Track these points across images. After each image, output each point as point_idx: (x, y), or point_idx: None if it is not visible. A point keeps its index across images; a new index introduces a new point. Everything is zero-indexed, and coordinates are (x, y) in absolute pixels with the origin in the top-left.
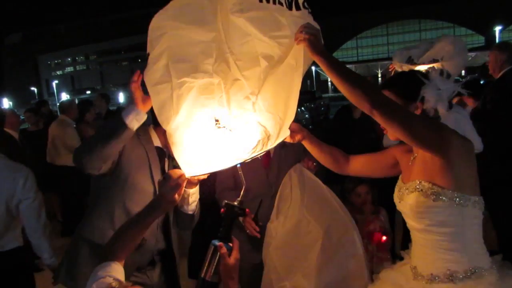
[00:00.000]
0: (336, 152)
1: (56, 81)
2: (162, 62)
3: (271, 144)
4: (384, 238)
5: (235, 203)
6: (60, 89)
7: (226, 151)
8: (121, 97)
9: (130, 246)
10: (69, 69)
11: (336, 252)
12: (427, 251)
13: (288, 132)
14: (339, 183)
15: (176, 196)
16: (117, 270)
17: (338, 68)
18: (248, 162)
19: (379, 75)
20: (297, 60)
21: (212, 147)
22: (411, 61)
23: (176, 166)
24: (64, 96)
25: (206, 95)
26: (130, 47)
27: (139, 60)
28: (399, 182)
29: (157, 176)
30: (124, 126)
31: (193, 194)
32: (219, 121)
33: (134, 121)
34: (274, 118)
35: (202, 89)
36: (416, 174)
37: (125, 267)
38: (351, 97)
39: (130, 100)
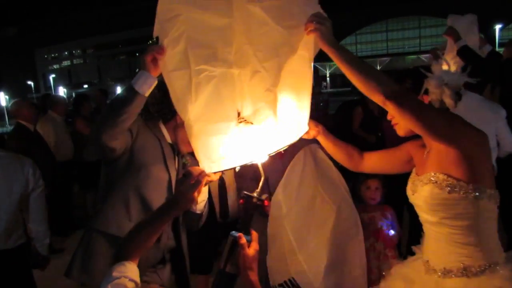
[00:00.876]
0: (350, 148)
1: (53, 75)
2: (180, 47)
3: (293, 139)
4: (391, 233)
5: (254, 194)
6: (57, 83)
7: (248, 146)
8: (119, 92)
9: (146, 245)
10: (66, 63)
11: (343, 232)
12: (441, 244)
13: (307, 127)
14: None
15: (196, 194)
16: (132, 270)
17: (350, 59)
18: None
19: None
20: (308, 52)
21: (234, 141)
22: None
23: (185, 163)
24: (61, 90)
25: (226, 87)
26: (127, 41)
27: (137, 54)
28: (413, 175)
29: (172, 165)
30: (134, 92)
31: (202, 194)
32: (240, 114)
33: (144, 86)
34: (294, 112)
35: (222, 80)
36: (431, 166)
37: (138, 266)
38: (363, 88)
39: (141, 66)
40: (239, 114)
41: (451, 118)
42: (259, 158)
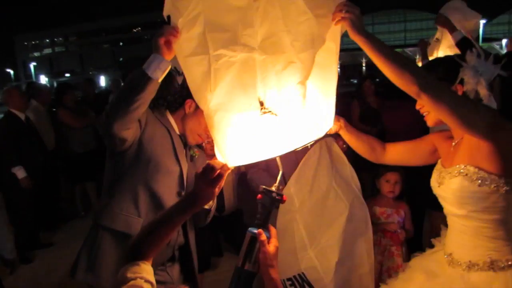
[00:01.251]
0: (373, 140)
1: (34, 63)
2: (197, 30)
3: (319, 134)
4: (399, 230)
5: (273, 188)
6: (37, 71)
7: (272, 139)
8: (103, 81)
9: (161, 244)
10: (47, 50)
11: (353, 229)
12: (467, 237)
13: (332, 122)
14: (368, 171)
15: (217, 190)
16: (147, 271)
17: (383, 49)
18: None
19: (363, 64)
20: (336, 43)
21: (258, 133)
22: None
23: (193, 155)
24: (43, 79)
25: (248, 73)
26: (111, 29)
27: (121, 44)
28: (439, 167)
29: (182, 157)
30: (146, 78)
31: None
32: (264, 104)
33: (158, 71)
34: (320, 106)
35: (243, 66)
36: (461, 158)
37: None
38: (397, 80)
39: (153, 49)
40: (261, 103)
41: (487, 111)
42: (284, 152)
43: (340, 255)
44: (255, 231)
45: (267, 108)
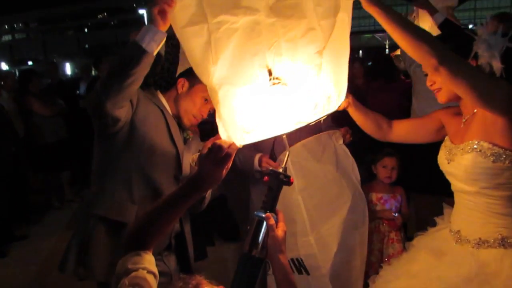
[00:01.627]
0: (380, 118)
1: None
2: None
3: (332, 108)
4: (396, 215)
5: (280, 170)
6: None
7: (283, 113)
8: (68, 69)
9: (163, 232)
10: (6, 37)
11: (351, 221)
12: (477, 214)
13: (344, 97)
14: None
15: (224, 171)
16: (149, 261)
17: (400, 20)
18: None
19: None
20: (348, 15)
21: (267, 107)
22: None
23: (186, 138)
24: (3, 67)
25: (254, 40)
26: (76, 15)
27: (86, 30)
28: (447, 143)
29: (178, 139)
30: (141, 50)
31: None
32: (272, 72)
33: (153, 43)
34: (336, 78)
35: (248, 32)
36: (474, 134)
37: None
38: (414, 53)
39: (147, 20)
40: (270, 72)
41: (505, 86)
42: (295, 128)
43: (338, 246)
44: (263, 214)
45: (277, 78)
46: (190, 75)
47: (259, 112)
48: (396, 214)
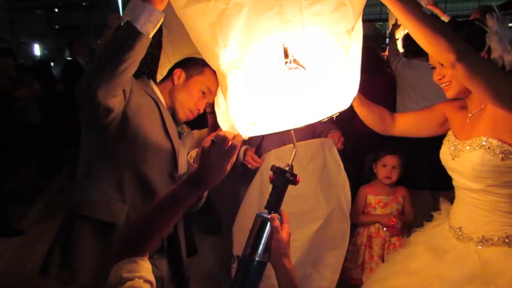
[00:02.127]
0: (383, 110)
1: None
2: None
3: (345, 105)
4: (393, 221)
5: (286, 168)
6: None
7: (298, 103)
8: (37, 49)
9: (161, 235)
10: None
11: (328, 239)
12: (481, 212)
13: (357, 91)
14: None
15: (229, 165)
16: (145, 269)
17: (417, 11)
18: None
19: None
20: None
21: (281, 96)
22: None
23: (181, 132)
24: None
25: (267, 13)
26: None
27: (56, 10)
28: (452, 138)
29: (173, 133)
30: (136, 32)
31: None
32: (288, 53)
33: (148, 24)
34: (349, 70)
35: (258, 6)
36: (481, 130)
37: None
38: (430, 47)
39: None
40: (286, 53)
41: None
42: (308, 122)
43: (300, 259)
44: (267, 215)
45: (295, 61)
46: (187, 65)
47: (271, 101)
48: (395, 220)
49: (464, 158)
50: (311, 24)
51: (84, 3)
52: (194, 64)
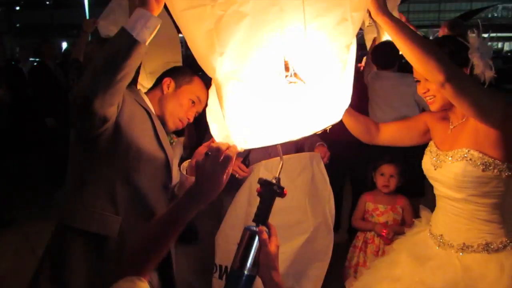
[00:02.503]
0: (368, 121)
1: None
2: None
3: (338, 117)
4: (383, 232)
5: (273, 180)
6: None
7: (295, 116)
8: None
9: (162, 254)
10: None
11: (312, 252)
12: (462, 220)
13: (349, 103)
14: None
15: (225, 177)
16: None
17: (410, 33)
18: None
19: None
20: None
21: (278, 108)
22: None
23: (171, 142)
24: None
25: (269, 25)
26: None
27: (18, 8)
28: (434, 149)
29: (166, 143)
30: (131, 40)
31: None
32: (289, 67)
33: (144, 30)
34: (343, 83)
35: (260, 16)
36: (464, 142)
37: None
38: (421, 66)
39: (135, 2)
40: (286, 67)
41: (502, 100)
42: (302, 136)
43: (284, 272)
44: (255, 228)
45: (295, 75)
46: (176, 74)
47: (269, 113)
48: (385, 231)
49: (446, 169)
50: (313, 38)
51: (47, 2)
52: (183, 73)
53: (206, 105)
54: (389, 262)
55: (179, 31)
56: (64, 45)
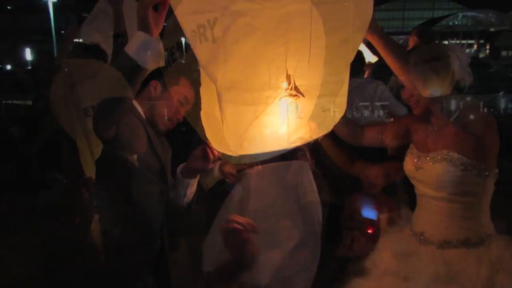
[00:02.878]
0: (353, 124)
1: None
2: None
3: (329, 127)
4: (369, 231)
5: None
6: None
7: (290, 127)
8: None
9: None
10: None
11: (300, 261)
12: (442, 218)
13: (342, 113)
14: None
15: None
16: None
17: (395, 47)
18: None
19: None
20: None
21: (277, 119)
22: None
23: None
24: None
25: (274, 42)
26: None
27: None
28: (414, 151)
29: (160, 150)
30: (132, 64)
31: (192, 186)
32: (291, 81)
33: (144, 54)
34: (344, 93)
35: (269, 31)
36: (444, 144)
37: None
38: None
39: (138, 23)
40: (288, 80)
41: (478, 108)
42: (295, 145)
43: (272, 278)
44: None
45: (296, 88)
46: (163, 76)
47: (266, 121)
48: (370, 231)
49: (427, 169)
50: (316, 56)
51: (8, 7)
52: (169, 75)
53: (200, 109)
54: (373, 259)
55: (181, 34)
56: (27, 51)
